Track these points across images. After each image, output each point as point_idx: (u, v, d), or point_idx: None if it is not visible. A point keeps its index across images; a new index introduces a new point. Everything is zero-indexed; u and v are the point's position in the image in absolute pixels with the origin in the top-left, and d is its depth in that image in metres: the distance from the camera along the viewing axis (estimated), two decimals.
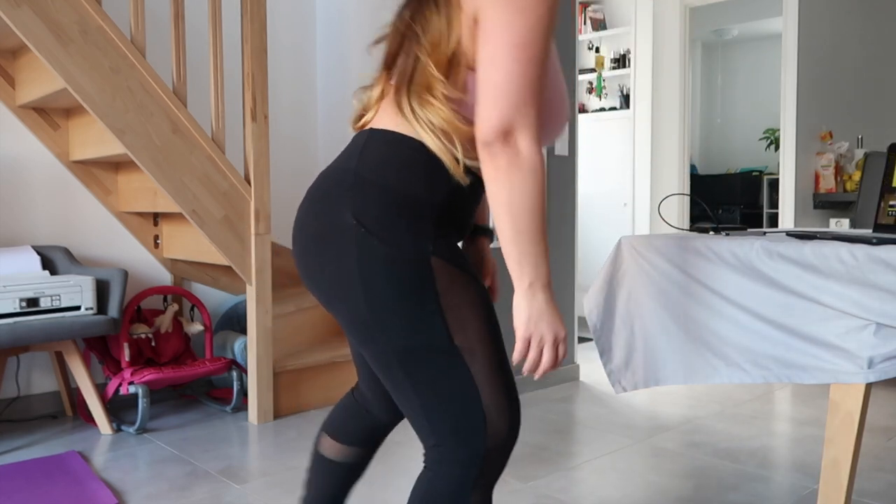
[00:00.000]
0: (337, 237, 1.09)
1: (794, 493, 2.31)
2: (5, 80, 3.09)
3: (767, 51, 7.10)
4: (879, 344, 1.40)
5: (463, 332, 1.10)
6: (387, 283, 1.07)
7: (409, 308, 1.08)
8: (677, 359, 1.71)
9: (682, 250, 1.71)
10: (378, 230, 1.07)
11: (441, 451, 1.12)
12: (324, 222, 1.12)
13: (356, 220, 1.08)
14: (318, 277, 1.14)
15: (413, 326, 1.08)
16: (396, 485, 2.39)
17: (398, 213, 1.08)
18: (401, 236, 1.08)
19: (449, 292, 1.10)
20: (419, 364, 1.09)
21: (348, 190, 1.10)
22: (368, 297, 1.08)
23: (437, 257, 1.10)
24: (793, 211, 4.51)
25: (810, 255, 1.49)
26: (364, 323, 1.10)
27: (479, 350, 1.11)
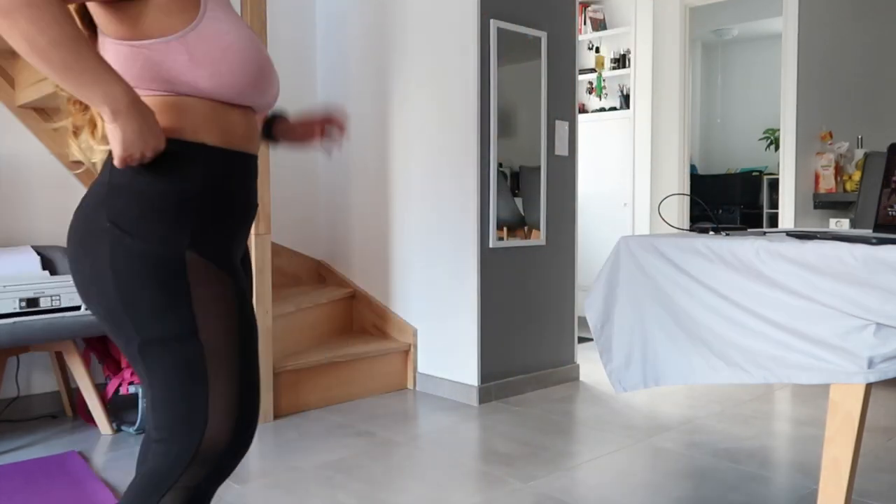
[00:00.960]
0: (94, 239, 1.12)
1: (794, 493, 2.30)
2: (5, 80, 3.09)
3: (767, 51, 7.10)
4: (879, 344, 1.40)
5: (210, 330, 1.11)
6: (136, 276, 1.09)
7: (155, 301, 1.09)
8: (677, 359, 1.71)
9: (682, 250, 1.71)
10: (132, 229, 1.09)
11: (159, 445, 1.13)
12: (84, 228, 1.14)
13: (111, 223, 1.10)
14: (79, 277, 1.15)
15: (157, 318, 1.09)
16: (396, 485, 2.39)
17: (152, 210, 1.10)
18: (154, 232, 1.09)
19: (201, 287, 1.10)
20: (158, 356, 1.10)
21: (104, 198, 1.12)
22: (119, 289, 1.09)
23: (194, 252, 1.11)
24: (793, 211, 4.51)
25: (810, 255, 1.49)
26: (115, 315, 1.11)
27: (223, 350, 1.12)
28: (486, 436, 2.90)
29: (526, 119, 3.52)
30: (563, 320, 3.74)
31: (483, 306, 3.37)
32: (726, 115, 7.58)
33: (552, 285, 3.68)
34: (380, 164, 3.80)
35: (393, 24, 3.68)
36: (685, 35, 5.18)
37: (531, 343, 3.59)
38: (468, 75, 3.33)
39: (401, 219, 3.70)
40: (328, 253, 4.16)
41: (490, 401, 3.38)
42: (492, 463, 2.59)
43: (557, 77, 3.64)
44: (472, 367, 3.37)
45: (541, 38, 3.54)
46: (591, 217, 5.39)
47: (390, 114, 3.72)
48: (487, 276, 3.38)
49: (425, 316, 3.60)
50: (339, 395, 3.39)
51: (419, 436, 2.92)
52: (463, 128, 3.36)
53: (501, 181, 3.42)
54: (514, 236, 3.48)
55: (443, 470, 2.52)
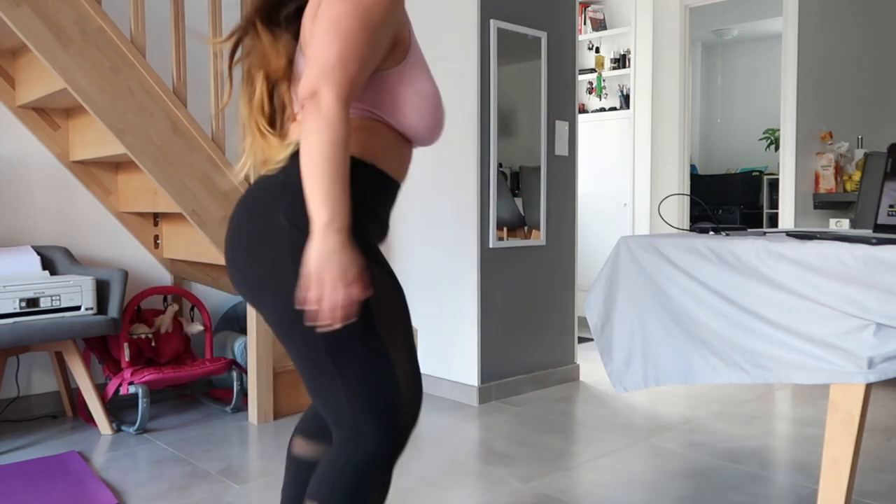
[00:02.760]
0: (272, 238, 1.19)
1: (794, 493, 2.30)
2: (5, 80, 3.09)
3: (767, 51, 7.10)
4: (879, 344, 1.40)
5: (386, 323, 1.23)
6: None
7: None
8: (678, 359, 1.71)
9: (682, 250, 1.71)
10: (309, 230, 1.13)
11: (357, 430, 1.21)
12: (258, 225, 1.21)
13: (289, 222, 1.17)
14: (251, 275, 1.22)
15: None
16: (396, 485, 2.39)
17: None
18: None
19: (375, 287, 1.19)
20: (347, 349, 1.18)
21: (278, 196, 1.20)
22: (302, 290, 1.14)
23: (364, 255, 1.17)
24: (793, 211, 4.51)
25: (810, 255, 1.49)
26: (296, 314, 1.16)
27: (398, 339, 1.25)
28: (486, 436, 2.90)
29: (526, 119, 3.52)
30: (563, 320, 3.74)
31: (483, 306, 3.37)
32: (726, 115, 7.59)
33: (552, 285, 3.68)
34: None
35: None
36: (685, 35, 5.18)
37: (531, 343, 3.59)
38: (468, 75, 3.33)
39: (401, 219, 3.70)
40: None
41: (490, 401, 3.38)
42: (492, 463, 2.59)
43: (557, 77, 3.64)
44: (472, 367, 3.37)
45: (541, 38, 3.54)
46: (591, 217, 5.39)
47: None
48: (487, 276, 3.38)
49: (425, 316, 3.60)
50: None
51: (419, 436, 2.92)
52: (463, 128, 3.36)
53: (501, 181, 3.42)
54: (514, 236, 3.48)
55: (443, 470, 2.52)
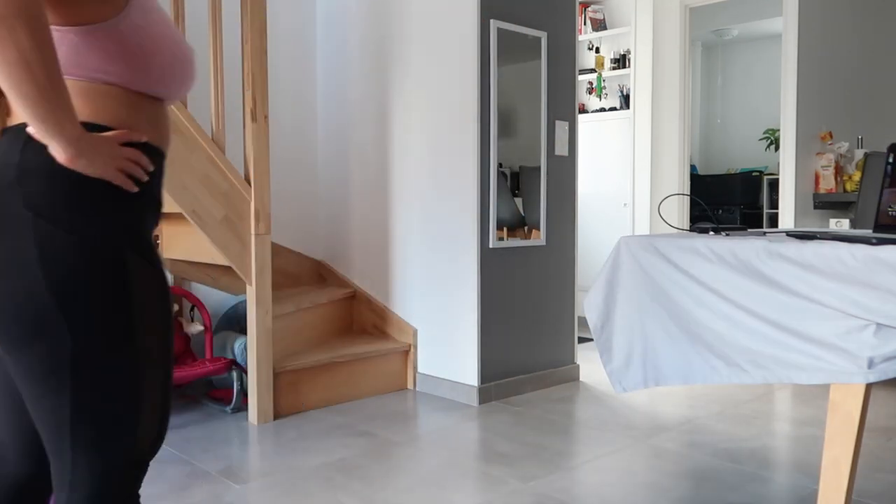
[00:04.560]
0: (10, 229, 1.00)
1: (794, 493, 2.30)
2: None
3: (767, 51, 7.10)
4: (879, 344, 1.40)
5: (149, 334, 1.06)
6: (75, 273, 1.00)
7: (98, 302, 1.01)
8: (677, 359, 1.71)
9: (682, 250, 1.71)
10: (62, 218, 1.00)
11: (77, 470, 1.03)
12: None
13: (33, 211, 0.99)
14: None
15: (98, 322, 1.02)
16: (396, 485, 2.39)
17: (84, 198, 1.02)
18: (90, 224, 1.02)
19: (141, 290, 1.05)
20: (95, 363, 1.02)
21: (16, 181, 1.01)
22: (53, 288, 0.99)
23: (131, 248, 1.05)
24: (793, 211, 4.51)
25: (810, 255, 1.49)
26: (39, 315, 0.99)
27: (157, 351, 1.08)
28: (486, 436, 2.90)
29: (526, 119, 3.52)
30: (563, 320, 3.74)
31: (483, 306, 3.37)
32: (726, 115, 7.58)
33: (552, 285, 3.68)
34: (380, 165, 3.80)
35: (393, 25, 3.68)
36: (685, 35, 5.18)
37: (531, 343, 3.59)
38: (468, 75, 3.33)
39: (401, 219, 3.70)
40: (328, 253, 4.16)
41: (490, 401, 3.38)
42: (492, 463, 2.59)
43: (557, 77, 3.64)
44: (472, 367, 3.37)
45: (541, 38, 3.54)
46: (591, 217, 5.39)
47: (390, 114, 3.72)
48: (487, 276, 3.38)
49: (425, 316, 3.60)
50: (339, 395, 3.39)
51: (419, 436, 2.92)
52: (463, 128, 3.36)
53: (501, 181, 3.42)
54: (514, 236, 3.48)
55: (443, 470, 2.52)
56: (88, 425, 1.03)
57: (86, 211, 1.02)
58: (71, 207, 1.01)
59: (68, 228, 1.00)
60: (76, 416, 1.02)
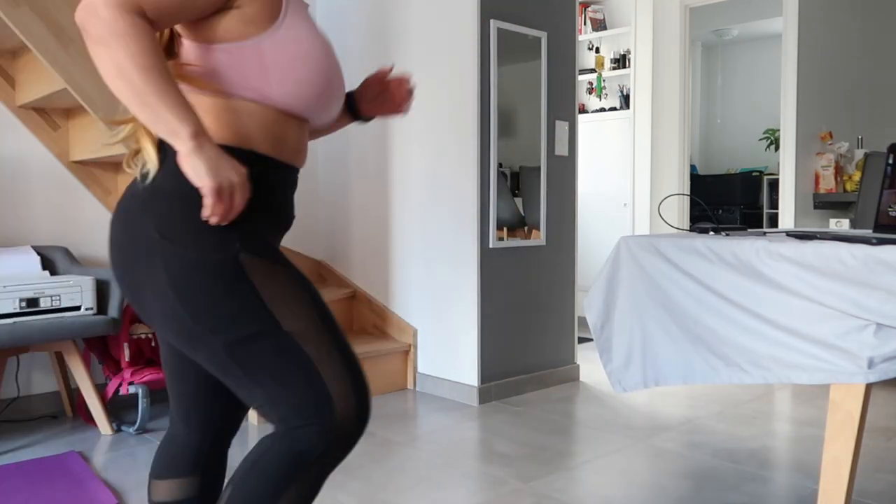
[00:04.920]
0: (145, 254, 1.10)
1: (794, 493, 2.30)
2: (5, 80, 3.09)
3: (767, 51, 7.10)
4: (879, 344, 1.40)
5: (291, 319, 1.11)
6: (199, 288, 1.08)
7: (226, 306, 1.08)
8: (677, 359, 1.71)
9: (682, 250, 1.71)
10: (181, 238, 1.08)
11: (286, 428, 1.12)
12: (130, 238, 1.12)
13: (158, 234, 1.09)
14: (137, 295, 1.14)
15: (236, 322, 1.09)
16: (396, 485, 2.39)
17: (196, 216, 1.08)
18: (203, 239, 1.08)
19: (267, 284, 1.11)
20: (250, 353, 1.10)
21: (147, 203, 1.11)
22: (186, 305, 1.08)
23: (246, 253, 1.10)
24: (793, 211, 4.51)
25: (810, 255, 1.49)
26: (189, 331, 1.10)
27: (312, 334, 1.12)
28: (486, 436, 2.90)
29: (526, 119, 3.52)
30: (563, 320, 3.74)
31: (483, 306, 3.37)
32: (726, 115, 7.58)
33: (552, 285, 3.68)
34: (380, 165, 3.80)
35: (393, 24, 3.69)
36: (685, 35, 5.18)
37: (531, 343, 3.59)
38: (468, 75, 3.33)
39: (401, 219, 3.70)
40: (328, 253, 4.16)
41: (490, 401, 3.38)
42: (492, 463, 2.59)
43: (557, 77, 3.64)
44: (472, 367, 3.37)
45: (541, 38, 3.54)
46: (591, 217, 5.39)
47: None
48: (487, 276, 3.38)
49: (425, 316, 3.60)
50: None
51: (419, 436, 2.92)
52: (463, 128, 3.36)
53: (501, 181, 3.42)
54: (514, 236, 3.48)
55: (443, 470, 2.52)
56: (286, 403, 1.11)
57: (198, 228, 1.08)
58: (187, 225, 1.09)
59: (185, 245, 1.08)
60: (269, 398, 1.11)
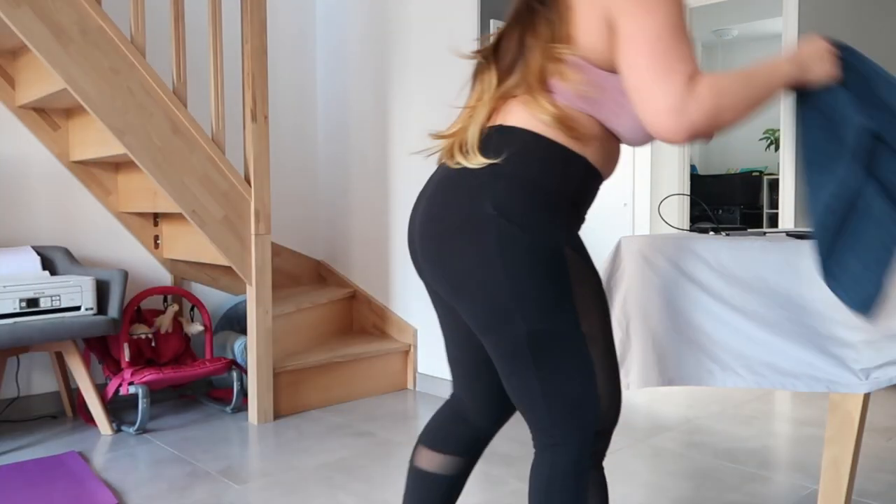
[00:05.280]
0: (477, 226, 1.15)
1: (794, 494, 2.30)
2: (5, 80, 3.09)
3: (767, 51, 7.10)
4: (875, 354, 1.40)
5: (588, 320, 1.17)
6: (528, 269, 1.13)
7: (546, 294, 1.14)
8: (672, 361, 1.71)
9: (681, 251, 1.71)
10: (519, 219, 1.13)
11: (556, 433, 1.19)
12: (462, 213, 1.17)
13: (496, 210, 1.14)
14: (455, 265, 1.18)
15: (549, 312, 1.14)
16: (396, 485, 2.39)
17: (537, 203, 1.15)
18: (541, 226, 1.15)
19: (578, 281, 1.17)
20: (548, 348, 1.16)
21: (485, 183, 1.16)
22: (510, 281, 1.13)
23: (570, 247, 1.17)
24: (793, 211, 4.51)
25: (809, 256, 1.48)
26: (501, 307, 1.15)
27: (600, 338, 1.19)
28: None
29: None
30: None
31: None
32: None
33: None
34: (380, 165, 3.80)
35: (393, 24, 3.68)
36: None
37: None
38: (468, 75, 3.32)
39: (401, 219, 3.70)
40: (328, 253, 4.16)
41: None
42: (492, 463, 2.59)
43: None
44: None
45: None
46: (591, 217, 5.38)
47: (390, 113, 3.72)
48: None
49: (425, 316, 3.60)
50: (339, 395, 3.39)
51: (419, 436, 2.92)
52: None
53: None
54: None
55: None
56: (557, 400, 1.17)
57: (539, 214, 1.15)
58: (528, 210, 1.15)
59: (522, 227, 1.14)
60: (548, 392, 1.17)
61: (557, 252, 1.15)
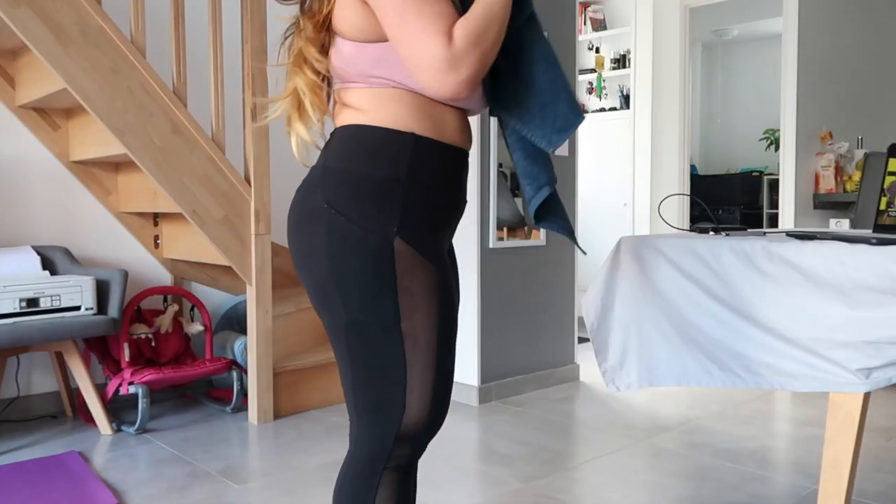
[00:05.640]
0: (312, 218, 1.18)
1: (794, 493, 2.30)
2: (5, 80, 3.09)
3: (767, 51, 7.09)
4: (874, 352, 1.39)
5: (411, 319, 1.15)
6: (348, 258, 1.14)
7: (364, 284, 1.14)
8: (672, 360, 1.71)
9: (680, 251, 1.70)
10: (346, 210, 1.15)
11: (357, 428, 1.19)
12: (303, 208, 1.21)
13: (327, 204, 1.16)
14: (297, 251, 1.22)
15: (365, 302, 1.14)
16: None
17: (364, 194, 1.15)
18: (365, 215, 1.14)
19: (407, 276, 1.15)
20: (361, 339, 1.16)
21: (320, 180, 1.20)
22: (332, 268, 1.15)
23: (402, 240, 1.15)
24: (793, 211, 4.51)
25: (810, 257, 1.48)
26: (325, 292, 1.17)
27: (422, 339, 1.16)
28: (486, 436, 2.90)
29: None
30: (562, 320, 3.74)
31: (483, 306, 3.37)
32: (726, 115, 7.58)
33: (552, 285, 3.68)
34: None
35: None
36: (685, 35, 5.18)
37: (531, 343, 3.59)
38: None
39: None
40: None
41: (490, 401, 3.38)
42: (492, 463, 2.59)
43: None
44: (473, 367, 3.37)
45: None
46: (591, 217, 5.39)
47: None
48: (487, 276, 3.38)
49: None
50: (339, 395, 3.39)
51: None
52: None
53: (501, 181, 3.42)
54: (514, 236, 3.48)
55: (443, 470, 2.52)
56: (365, 393, 1.17)
57: (365, 204, 1.15)
58: (354, 201, 1.15)
59: (349, 219, 1.15)
60: (356, 382, 1.18)
61: (384, 244, 1.14)
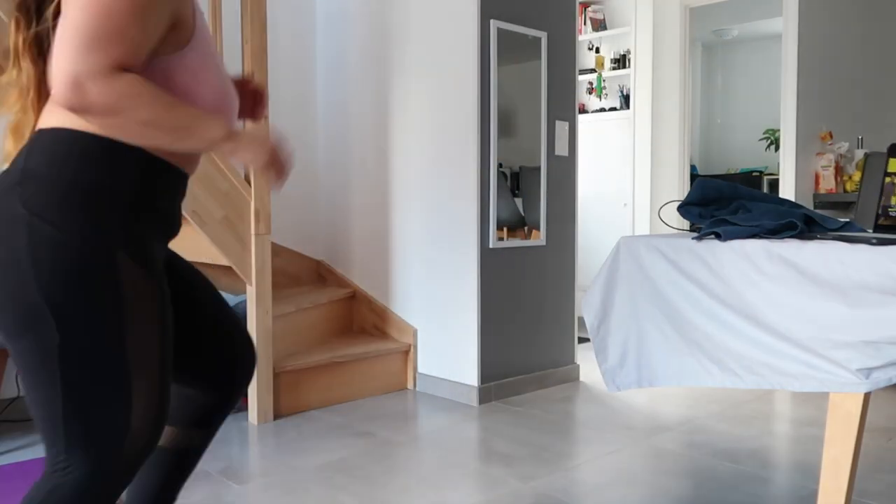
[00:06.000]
0: (6, 229, 1.04)
1: (794, 494, 2.30)
2: None
3: (767, 51, 7.09)
4: (874, 353, 1.39)
5: (137, 335, 1.08)
6: (63, 270, 1.03)
7: (82, 303, 1.04)
8: (672, 360, 1.71)
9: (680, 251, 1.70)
10: (54, 218, 1.04)
11: (71, 457, 1.07)
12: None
13: (26, 209, 1.03)
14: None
15: (86, 320, 1.05)
16: (396, 485, 2.39)
17: (78, 202, 1.06)
18: (80, 225, 1.05)
19: (133, 293, 1.08)
20: (80, 363, 1.05)
21: (15, 184, 1.06)
22: (41, 282, 1.02)
23: (126, 253, 1.07)
24: None
25: (810, 258, 1.48)
26: (28, 311, 1.03)
27: (147, 355, 1.09)
28: (486, 436, 2.90)
29: (526, 119, 3.52)
30: (562, 320, 3.74)
31: (483, 306, 3.37)
32: (726, 115, 7.58)
33: (552, 285, 3.68)
34: (380, 164, 3.80)
35: (393, 25, 3.68)
36: (685, 35, 5.18)
37: (531, 343, 3.59)
38: (468, 75, 3.32)
39: (401, 219, 3.70)
40: (328, 253, 4.16)
41: (490, 401, 3.38)
42: (492, 463, 2.59)
43: (557, 77, 3.64)
44: (472, 367, 3.37)
45: (541, 38, 3.53)
46: (591, 217, 5.39)
47: (390, 114, 3.72)
48: (487, 276, 3.38)
49: (425, 316, 3.60)
50: (339, 395, 3.39)
51: (419, 436, 2.92)
52: (463, 128, 3.36)
53: (501, 181, 3.42)
54: (514, 236, 3.48)
55: (443, 470, 2.52)
56: (79, 422, 1.07)
57: (78, 213, 1.06)
58: (64, 208, 1.05)
59: (59, 227, 1.04)
60: (67, 411, 1.06)
61: (105, 258, 1.05)
